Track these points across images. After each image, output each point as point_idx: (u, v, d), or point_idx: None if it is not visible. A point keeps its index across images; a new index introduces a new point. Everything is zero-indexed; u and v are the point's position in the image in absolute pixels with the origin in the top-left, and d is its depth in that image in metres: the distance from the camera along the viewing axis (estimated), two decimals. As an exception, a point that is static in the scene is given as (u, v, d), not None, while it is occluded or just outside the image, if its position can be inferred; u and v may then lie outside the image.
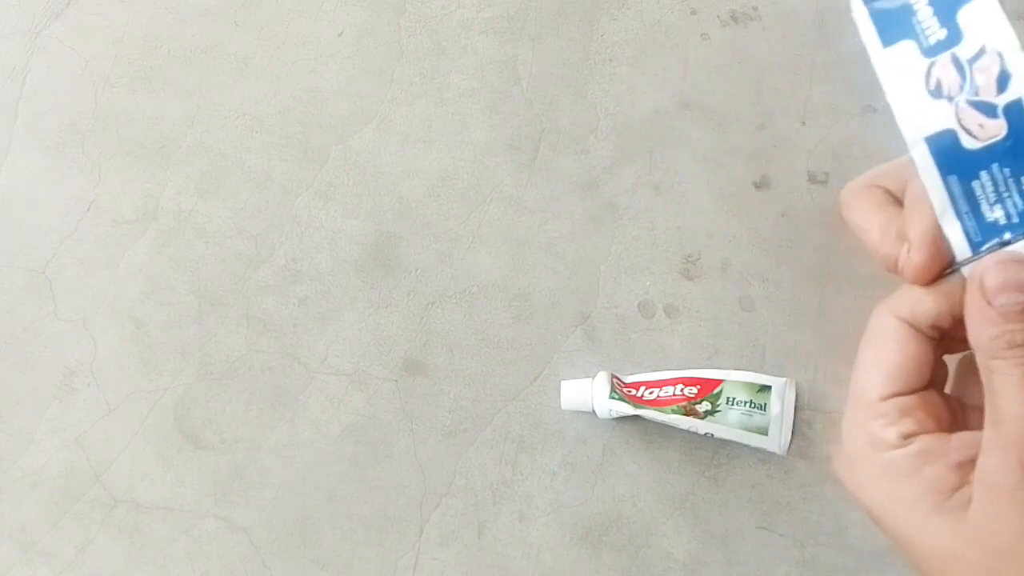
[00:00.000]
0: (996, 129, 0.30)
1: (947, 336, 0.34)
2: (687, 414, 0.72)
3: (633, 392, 0.74)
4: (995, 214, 0.31)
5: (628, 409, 0.72)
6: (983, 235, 0.31)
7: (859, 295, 0.79)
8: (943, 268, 0.33)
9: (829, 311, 0.79)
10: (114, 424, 0.78)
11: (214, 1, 0.95)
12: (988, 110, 0.31)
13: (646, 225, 0.83)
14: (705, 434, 0.73)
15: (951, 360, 0.36)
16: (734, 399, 0.73)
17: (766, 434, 0.72)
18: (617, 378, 0.75)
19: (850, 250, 0.81)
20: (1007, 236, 0.31)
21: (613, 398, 0.73)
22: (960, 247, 0.32)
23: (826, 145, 0.85)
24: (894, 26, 0.33)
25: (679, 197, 0.84)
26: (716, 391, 0.73)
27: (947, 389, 0.36)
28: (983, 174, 0.31)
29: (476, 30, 0.93)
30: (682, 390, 0.74)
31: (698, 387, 0.74)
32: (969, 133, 0.31)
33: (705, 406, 0.73)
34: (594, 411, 0.74)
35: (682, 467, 0.74)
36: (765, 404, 0.73)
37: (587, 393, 0.74)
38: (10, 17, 0.96)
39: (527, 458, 0.76)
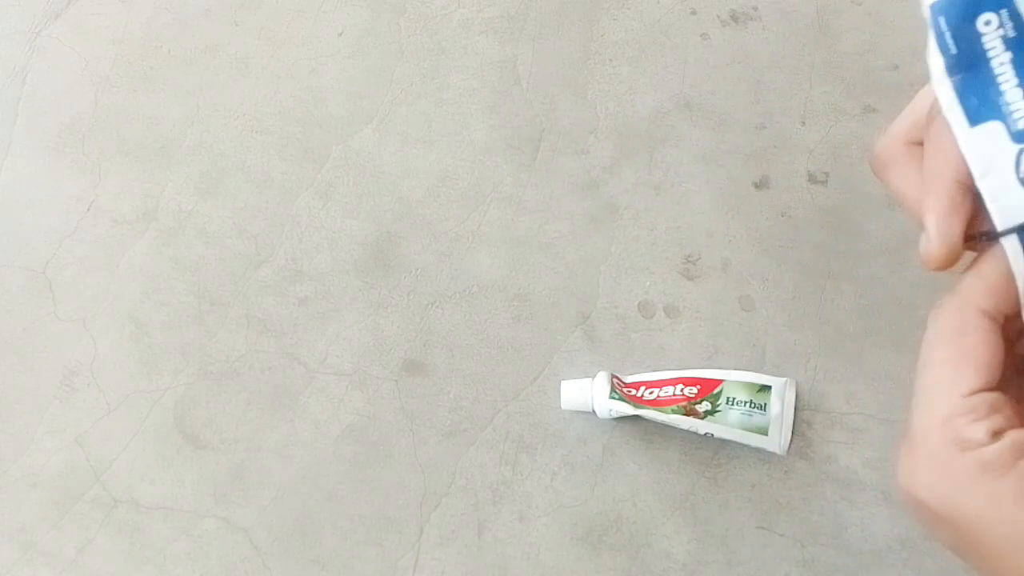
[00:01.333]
0: None
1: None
2: (687, 414, 0.72)
3: (633, 392, 0.74)
4: None
5: (628, 409, 0.72)
6: None
7: (859, 295, 0.79)
8: (957, 255, 0.32)
9: (829, 311, 0.79)
10: (114, 424, 0.78)
11: (214, 1, 0.95)
12: None
13: (646, 225, 0.83)
14: (705, 434, 0.73)
15: None
16: (734, 399, 0.73)
17: (766, 434, 0.72)
18: (617, 378, 0.75)
19: (850, 250, 0.81)
20: None
21: (613, 398, 0.73)
22: None
23: (826, 145, 0.85)
24: (981, 103, 0.31)
25: (679, 197, 0.84)
26: (716, 391, 0.73)
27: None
28: None
29: (476, 30, 0.93)
30: (682, 390, 0.74)
31: (698, 387, 0.74)
32: None
33: (705, 406, 0.73)
34: (594, 411, 0.74)
35: (682, 467, 0.74)
36: (765, 404, 0.73)
37: (587, 393, 0.74)
38: (10, 17, 0.96)
39: (527, 458, 0.76)
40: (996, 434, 0.30)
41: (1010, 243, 0.31)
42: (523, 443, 0.76)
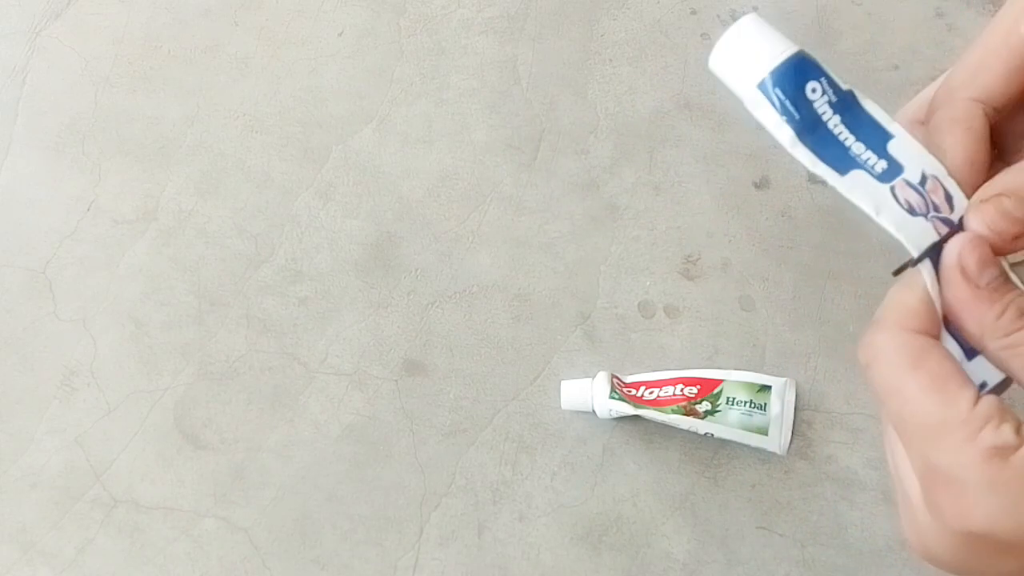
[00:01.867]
0: None
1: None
2: (687, 414, 0.72)
3: (633, 392, 0.74)
4: None
5: (628, 409, 0.72)
6: None
7: (859, 295, 0.79)
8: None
9: (829, 311, 0.79)
10: (114, 424, 0.78)
11: (214, 1, 0.95)
12: (950, 224, 0.34)
13: (646, 225, 0.83)
14: (705, 434, 0.73)
15: None
16: (734, 399, 0.73)
17: (766, 434, 0.72)
18: (617, 378, 0.75)
19: (850, 250, 0.81)
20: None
21: (613, 398, 0.73)
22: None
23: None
24: (837, 158, 0.35)
25: (679, 197, 0.84)
26: (716, 391, 0.73)
27: None
28: None
29: (476, 30, 0.93)
30: (682, 390, 0.74)
31: (698, 387, 0.74)
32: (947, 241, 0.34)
33: (705, 406, 0.73)
34: (594, 411, 0.74)
35: (682, 467, 0.74)
36: (765, 404, 0.73)
37: (587, 393, 0.74)
38: (10, 17, 0.96)
39: (527, 458, 0.76)
40: (1019, 431, 0.28)
41: (925, 266, 0.34)
42: (523, 443, 0.76)
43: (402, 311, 0.81)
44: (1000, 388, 0.33)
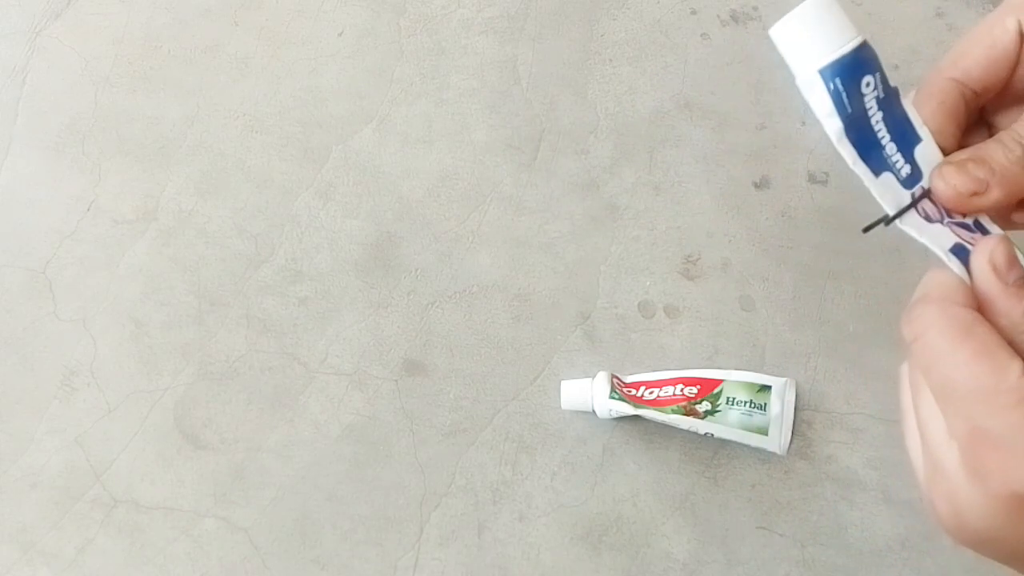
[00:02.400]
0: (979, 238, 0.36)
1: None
2: (687, 414, 0.72)
3: (633, 392, 0.74)
4: None
5: (628, 409, 0.72)
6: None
7: (859, 295, 0.79)
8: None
9: (829, 311, 0.79)
10: (114, 424, 0.78)
11: (214, 1, 0.95)
12: (966, 227, 0.36)
13: (646, 225, 0.83)
14: (705, 434, 0.73)
15: None
16: (734, 399, 0.73)
17: (766, 434, 0.72)
18: (617, 378, 0.75)
19: (850, 250, 0.81)
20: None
21: (613, 398, 0.73)
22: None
23: (826, 145, 0.84)
24: (874, 158, 0.36)
25: (679, 197, 0.84)
26: (716, 391, 0.73)
27: None
28: None
29: (476, 30, 0.93)
30: (682, 390, 0.74)
31: (698, 387, 0.74)
32: (968, 244, 0.35)
33: (705, 406, 0.73)
34: (594, 411, 0.74)
35: (682, 467, 0.74)
36: (765, 404, 0.73)
37: (587, 393, 0.74)
38: (10, 17, 0.96)
39: (527, 458, 0.76)
40: None
41: (953, 263, 0.35)
42: (523, 443, 0.76)
43: (402, 311, 0.81)
44: None
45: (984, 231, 0.36)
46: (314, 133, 0.89)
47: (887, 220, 0.36)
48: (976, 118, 0.39)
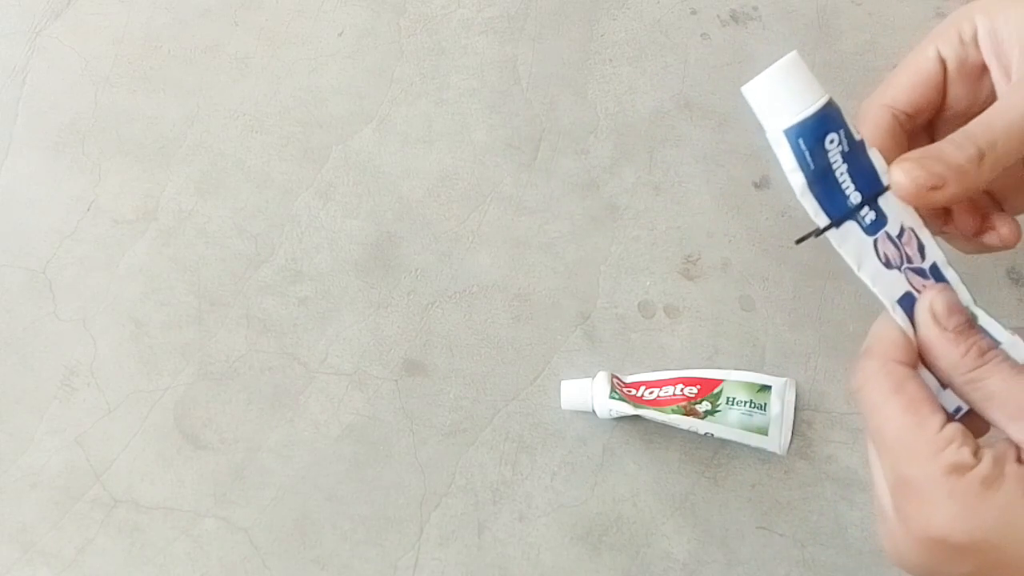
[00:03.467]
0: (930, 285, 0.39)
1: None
2: (687, 414, 0.72)
3: (633, 392, 0.74)
4: None
5: (628, 409, 0.72)
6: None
7: (859, 295, 0.79)
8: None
9: (829, 311, 0.79)
10: (114, 424, 0.78)
11: (214, 1, 0.95)
12: (921, 272, 0.39)
13: (646, 225, 0.83)
14: (705, 434, 0.73)
15: None
16: (734, 399, 0.73)
17: (766, 434, 0.72)
18: (617, 378, 0.75)
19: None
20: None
21: (613, 398, 0.73)
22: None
23: (826, 145, 0.85)
24: (837, 208, 0.40)
25: (679, 197, 0.84)
26: (716, 391, 0.73)
27: None
28: None
29: (476, 30, 0.93)
30: (682, 390, 0.74)
31: (698, 387, 0.74)
32: (917, 291, 0.39)
33: (705, 406, 0.73)
34: (594, 411, 0.74)
35: (682, 467, 0.74)
36: (765, 404, 0.73)
37: (587, 393, 0.74)
38: (10, 17, 0.96)
39: (527, 458, 0.76)
40: (976, 453, 0.33)
41: (898, 312, 0.39)
42: (523, 443, 0.76)
43: (402, 311, 0.81)
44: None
45: (939, 277, 0.39)
46: (314, 133, 0.89)
47: (817, 232, 0.40)
48: (927, 140, 0.44)
